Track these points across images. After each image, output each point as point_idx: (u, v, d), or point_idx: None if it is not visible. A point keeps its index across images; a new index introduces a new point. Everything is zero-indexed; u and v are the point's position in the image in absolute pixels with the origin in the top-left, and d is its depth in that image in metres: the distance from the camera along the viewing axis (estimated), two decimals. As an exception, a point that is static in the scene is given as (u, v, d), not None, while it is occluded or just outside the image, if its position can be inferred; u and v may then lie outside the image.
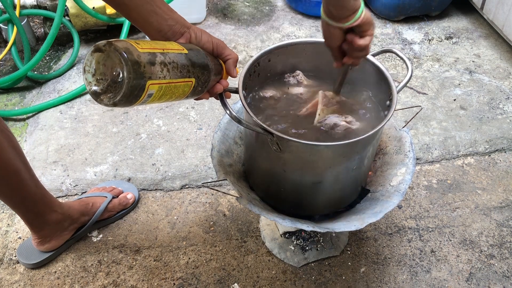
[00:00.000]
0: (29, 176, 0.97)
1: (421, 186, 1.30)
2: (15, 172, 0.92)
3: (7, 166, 0.89)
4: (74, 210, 1.11)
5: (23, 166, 0.94)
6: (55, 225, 1.07)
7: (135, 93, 0.57)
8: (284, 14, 2.03)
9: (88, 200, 1.16)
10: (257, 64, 0.94)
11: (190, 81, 0.67)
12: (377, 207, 0.87)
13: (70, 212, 1.10)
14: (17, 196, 0.97)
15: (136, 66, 0.56)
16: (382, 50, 0.98)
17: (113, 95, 0.57)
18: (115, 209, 1.19)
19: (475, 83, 1.65)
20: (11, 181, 0.93)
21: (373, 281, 1.08)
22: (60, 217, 1.08)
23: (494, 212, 1.23)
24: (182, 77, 0.65)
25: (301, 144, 0.78)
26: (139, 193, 1.27)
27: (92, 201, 1.16)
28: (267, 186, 0.96)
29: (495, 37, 1.87)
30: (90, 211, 1.15)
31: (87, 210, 1.14)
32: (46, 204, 1.04)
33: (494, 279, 1.09)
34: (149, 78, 0.58)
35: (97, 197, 1.18)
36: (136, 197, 1.24)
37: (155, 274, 1.09)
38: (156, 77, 0.59)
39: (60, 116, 1.52)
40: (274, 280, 1.08)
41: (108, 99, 0.57)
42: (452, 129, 1.46)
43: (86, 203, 1.15)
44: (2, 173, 0.90)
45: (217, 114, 1.51)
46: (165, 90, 0.63)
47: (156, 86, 0.60)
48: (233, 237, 1.17)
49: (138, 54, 0.57)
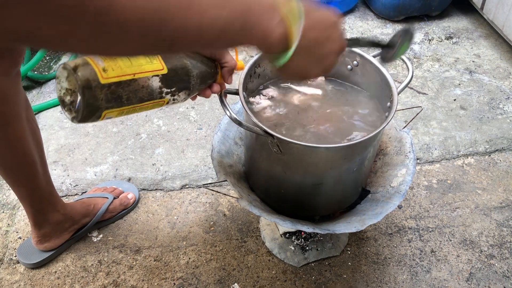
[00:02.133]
0: (42, 171, 0.98)
1: (421, 186, 1.30)
2: (31, 163, 0.93)
3: (25, 154, 0.91)
4: (76, 212, 1.12)
5: (39, 160, 0.96)
6: (55, 225, 1.08)
7: (90, 118, 0.58)
8: (284, 14, 2.02)
9: (90, 202, 1.16)
10: (258, 65, 0.94)
11: (161, 101, 0.66)
12: (378, 208, 0.87)
13: (72, 213, 1.11)
14: (27, 187, 0.98)
15: (92, 100, 0.56)
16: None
17: (71, 112, 0.58)
18: (116, 209, 1.20)
19: (475, 83, 1.65)
20: (26, 170, 0.94)
21: (373, 281, 1.08)
22: (62, 218, 1.08)
23: (494, 212, 1.24)
24: (151, 99, 0.63)
25: (302, 146, 0.78)
26: (139, 192, 1.27)
27: (94, 203, 1.16)
28: (268, 188, 0.96)
29: (495, 37, 1.87)
30: (92, 212, 1.15)
31: (88, 212, 1.14)
32: (51, 202, 1.05)
33: (494, 279, 1.09)
34: (106, 108, 0.58)
35: (98, 198, 1.18)
36: (137, 196, 1.25)
37: (155, 274, 1.10)
38: (114, 107, 0.59)
39: (60, 116, 1.51)
40: (274, 280, 1.08)
41: (69, 112, 0.58)
42: (452, 129, 1.46)
43: (88, 204, 1.15)
44: (20, 160, 0.91)
45: (217, 114, 1.51)
46: (128, 112, 0.62)
47: (115, 113, 0.60)
48: (233, 237, 1.17)
49: (97, 86, 0.55)
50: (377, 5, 1.96)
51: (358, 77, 0.98)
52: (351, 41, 0.68)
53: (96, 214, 1.15)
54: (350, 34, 1.90)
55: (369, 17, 2.00)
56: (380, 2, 1.92)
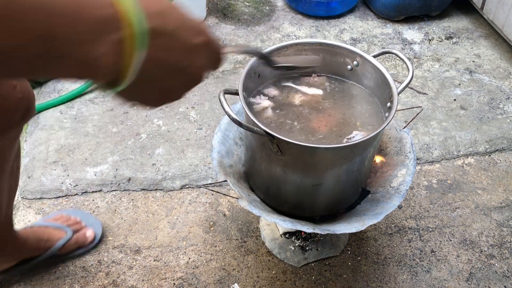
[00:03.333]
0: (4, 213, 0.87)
1: (421, 186, 1.30)
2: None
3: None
4: (27, 246, 0.99)
5: (5, 205, 0.85)
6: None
7: None
8: (284, 14, 2.02)
9: (44, 234, 1.02)
10: (257, 65, 0.94)
11: None
12: (378, 209, 0.87)
13: (22, 248, 0.98)
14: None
15: None
16: (382, 51, 0.98)
17: None
18: (70, 247, 1.06)
19: (475, 83, 1.65)
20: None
21: (373, 281, 1.09)
22: (10, 253, 0.96)
23: (494, 212, 1.24)
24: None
25: (302, 146, 0.78)
26: (103, 229, 1.15)
27: (48, 237, 1.03)
28: (267, 188, 0.96)
29: (495, 37, 1.87)
30: (44, 246, 1.01)
31: (40, 246, 1.01)
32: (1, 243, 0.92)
33: (494, 279, 1.09)
34: None
35: (55, 231, 1.05)
36: (98, 235, 1.12)
37: (155, 274, 1.10)
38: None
39: (60, 116, 1.51)
40: (274, 280, 1.08)
41: None
42: (452, 129, 1.46)
43: (41, 238, 1.01)
44: None
45: (217, 114, 1.51)
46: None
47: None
48: (233, 237, 1.17)
49: None
50: (377, 5, 1.96)
51: (358, 77, 0.98)
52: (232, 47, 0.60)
53: (48, 251, 1.02)
54: (350, 34, 1.90)
55: (369, 17, 2.00)
56: (380, 2, 1.92)
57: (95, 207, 1.24)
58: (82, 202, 1.26)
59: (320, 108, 0.94)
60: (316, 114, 0.92)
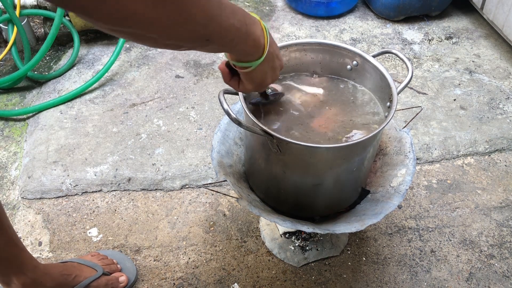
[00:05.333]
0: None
1: (421, 186, 1.30)
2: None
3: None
4: (50, 278, 0.95)
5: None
6: (22, 287, 0.91)
7: None
8: (284, 14, 2.03)
9: (72, 270, 1.00)
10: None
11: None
12: (377, 208, 0.87)
13: (43, 279, 0.94)
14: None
15: None
16: (382, 51, 0.98)
17: None
18: (99, 287, 1.01)
19: (475, 83, 1.65)
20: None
21: (373, 281, 1.09)
22: (29, 281, 0.91)
23: (494, 212, 1.24)
24: None
25: (301, 146, 0.78)
26: (137, 274, 1.10)
27: (76, 273, 1.00)
28: (267, 188, 0.96)
29: (495, 37, 1.87)
30: (70, 283, 0.98)
31: (66, 282, 0.97)
32: (16, 264, 0.90)
33: (494, 279, 1.09)
34: None
35: (86, 268, 1.02)
36: (131, 281, 1.07)
37: (155, 274, 1.10)
38: None
39: (60, 116, 1.52)
40: (274, 280, 1.08)
41: None
42: (452, 129, 1.46)
43: (68, 273, 0.99)
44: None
45: (217, 114, 1.51)
46: None
47: None
48: (233, 237, 1.17)
49: None
50: (377, 5, 1.96)
51: (358, 77, 0.98)
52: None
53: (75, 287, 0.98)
54: (350, 34, 1.90)
55: (369, 17, 2.00)
56: (380, 2, 1.92)
57: (95, 207, 1.25)
58: (82, 202, 1.26)
59: (320, 107, 0.94)
60: (316, 113, 0.93)
